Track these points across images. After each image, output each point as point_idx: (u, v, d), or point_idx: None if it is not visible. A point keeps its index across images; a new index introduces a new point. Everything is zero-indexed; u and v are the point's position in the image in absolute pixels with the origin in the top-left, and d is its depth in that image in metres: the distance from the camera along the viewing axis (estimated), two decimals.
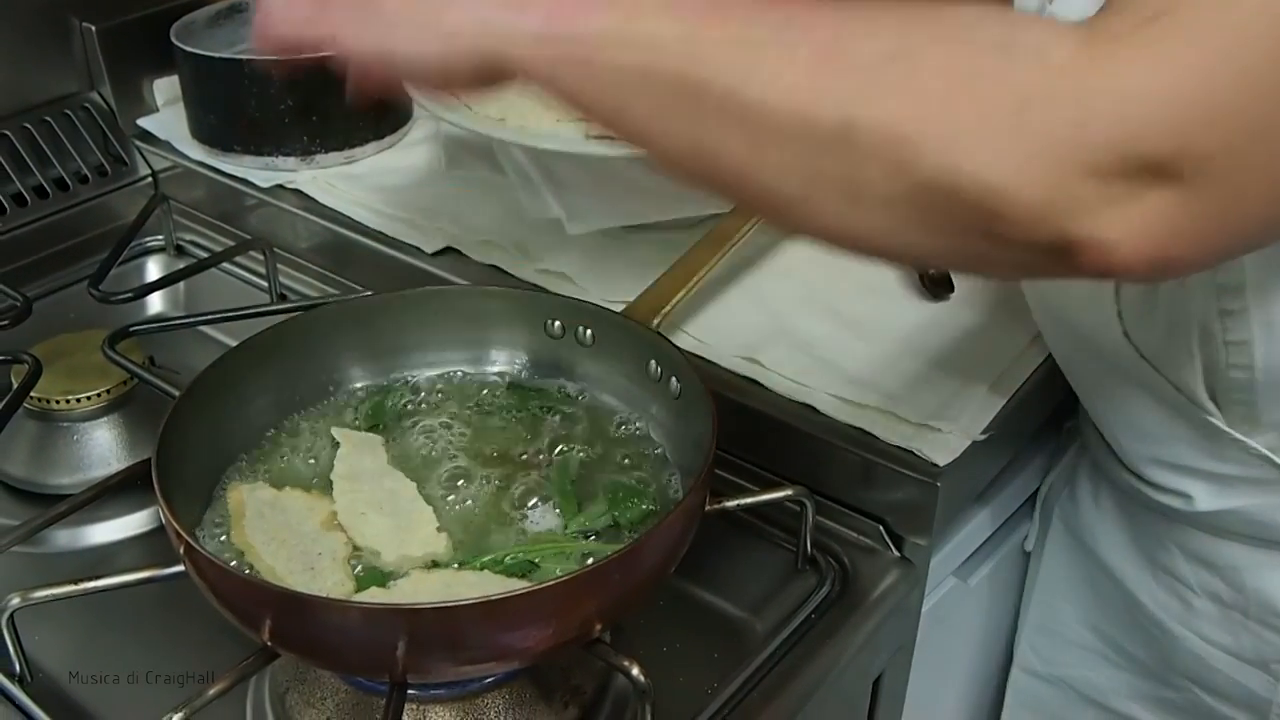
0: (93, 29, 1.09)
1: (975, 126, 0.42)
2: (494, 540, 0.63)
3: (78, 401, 0.80)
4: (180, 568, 0.58)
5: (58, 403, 0.80)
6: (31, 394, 0.79)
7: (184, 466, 0.63)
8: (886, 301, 0.86)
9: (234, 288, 1.01)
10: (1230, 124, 0.41)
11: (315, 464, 0.69)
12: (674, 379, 0.68)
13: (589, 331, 0.73)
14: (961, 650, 0.97)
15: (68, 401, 0.80)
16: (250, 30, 1.15)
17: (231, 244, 1.02)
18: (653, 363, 0.70)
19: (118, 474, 0.76)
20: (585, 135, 0.86)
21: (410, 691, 0.57)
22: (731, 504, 0.66)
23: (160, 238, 1.07)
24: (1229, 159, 0.42)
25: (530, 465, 0.69)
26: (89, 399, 0.80)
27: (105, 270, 0.93)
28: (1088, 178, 0.41)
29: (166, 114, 1.15)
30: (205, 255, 1.04)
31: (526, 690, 0.63)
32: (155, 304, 1.03)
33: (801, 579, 0.73)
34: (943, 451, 0.72)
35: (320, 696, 0.63)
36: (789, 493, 0.69)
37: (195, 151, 1.10)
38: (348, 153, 1.07)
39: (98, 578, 0.61)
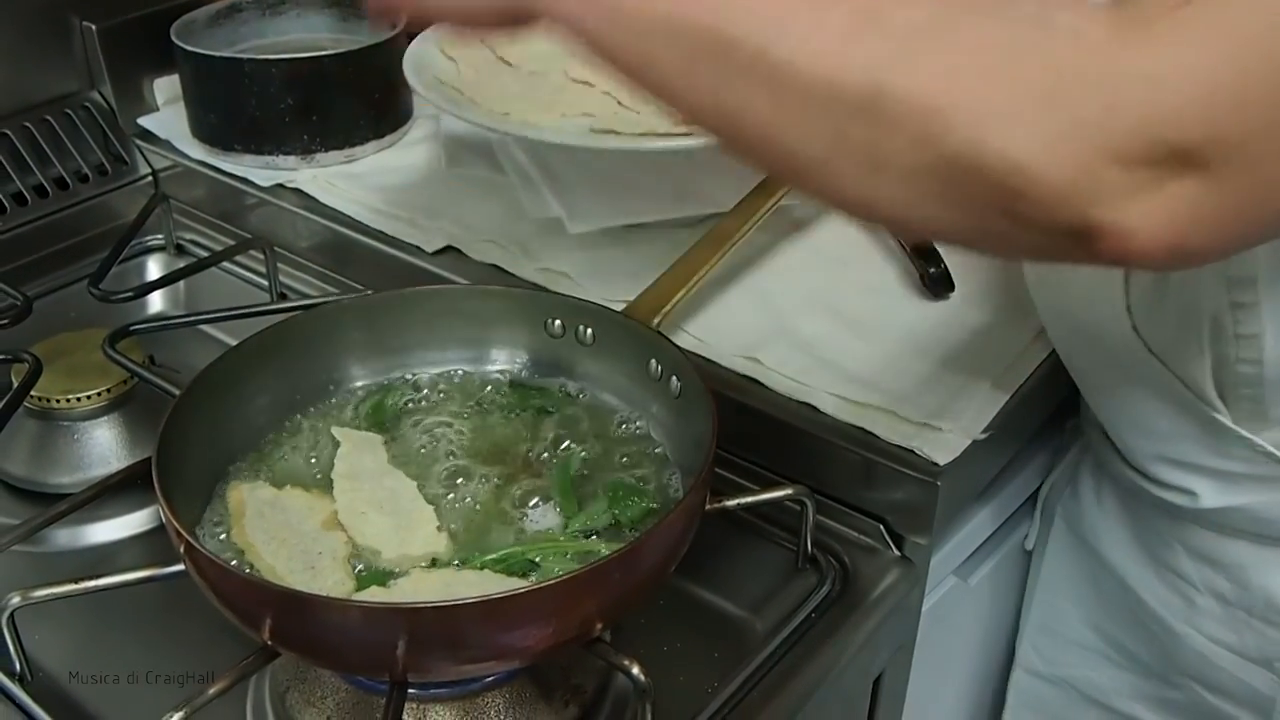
0: (93, 28, 1.09)
1: (1006, 103, 0.42)
2: (494, 539, 0.63)
3: (78, 400, 0.80)
4: (180, 567, 0.58)
5: (58, 402, 0.80)
6: (32, 393, 0.79)
7: (184, 466, 0.63)
8: (887, 301, 0.86)
9: (234, 287, 1.01)
10: (1259, 112, 0.41)
11: (315, 463, 0.69)
12: (674, 378, 0.68)
13: (589, 331, 0.73)
14: (962, 649, 0.97)
15: (68, 400, 0.80)
16: (250, 29, 1.15)
17: (232, 243, 1.02)
18: (653, 362, 0.70)
19: (118, 473, 0.76)
20: (590, 129, 0.86)
21: (410, 691, 0.57)
22: (732, 503, 0.66)
23: (160, 237, 1.08)
24: (1256, 147, 0.41)
25: (531, 464, 0.69)
26: (89, 398, 0.80)
27: (105, 269, 0.93)
28: (1114, 163, 0.41)
29: (167, 113, 1.15)
30: (205, 254, 1.04)
31: (527, 689, 0.63)
32: (155, 303, 1.03)
33: (802, 578, 0.73)
34: (943, 451, 0.72)
35: (320, 696, 0.63)
36: (789, 492, 0.69)
37: (195, 150, 1.10)
38: (348, 152, 1.07)
39: (98, 577, 0.61)
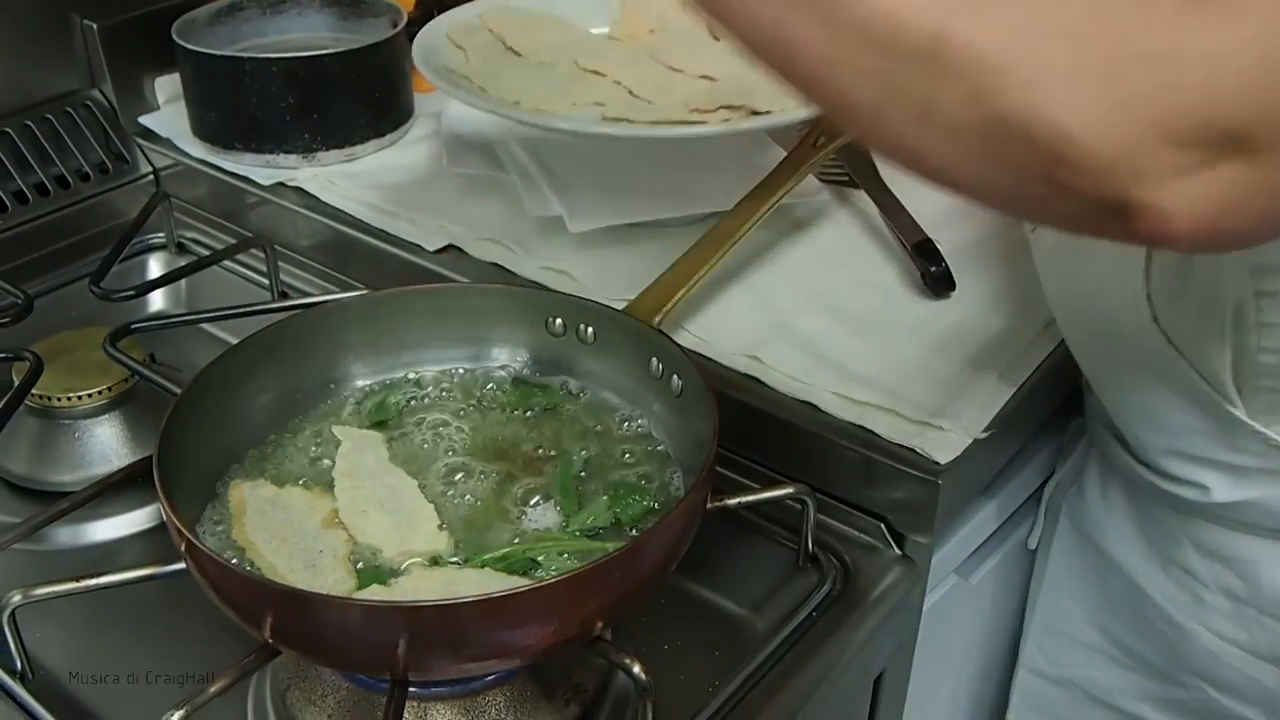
0: (94, 26, 1.09)
1: (1065, 70, 0.41)
2: (495, 538, 0.63)
3: (79, 399, 0.80)
4: (181, 565, 0.58)
5: (59, 400, 0.80)
6: (33, 391, 0.79)
7: (185, 464, 0.63)
8: (888, 299, 0.86)
9: (235, 285, 1.01)
10: None
11: (316, 461, 0.69)
12: (675, 377, 0.68)
13: (590, 329, 0.73)
14: (963, 649, 0.97)
15: (69, 399, 0.80)
16: (251, 28, 1.15)
17: (233, 241, 1.02)
18: (654, 360, 0.70)
19: (119, 471, 0.76)
20: (601, 118, 0.86)
21: (411, 689, 0.57)
22: (733, 502, 0.66)
23: (161, 235, 1.08)
24: None
25: (532, 463, 0.69)
26: (90, 396, 0.80)
27: (106, 268, 0.93)
28: (1164, 142, 0.41)
29: (168, 111, 1.15)
30: (206, 253, 1.04)
31: (528, 688, 0.63)
32: (156, 301, 1.03)
33: (802, 577, 0.73)
34: (944, 449, 0.72)
35: (321, 694, 0.63)
36: (790, 490, 0.69)
37: (196, 149, 1.10)
38: (349, 150, 1.07)
39: (99, 575, 0.61)
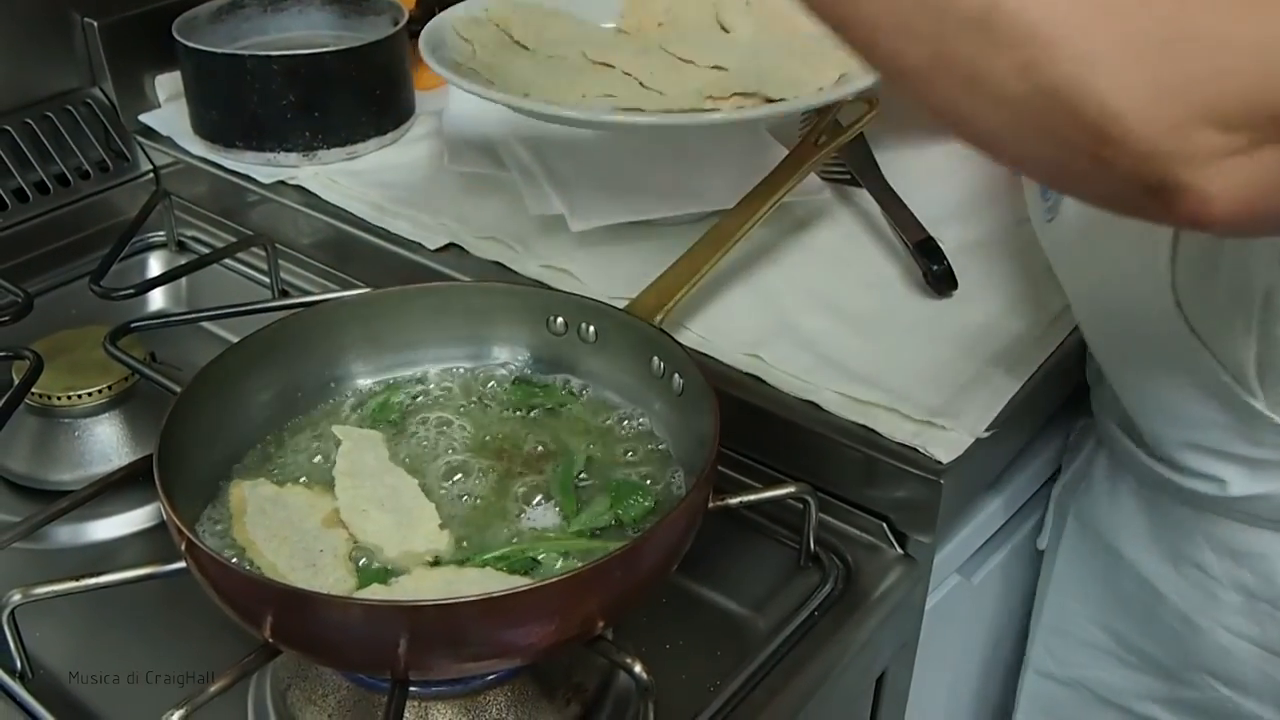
0: (94, 24, 1.09)
1: (1117, 47, 0.41)
2: (496, 537, 0.63)
3: (79, 398, 0.80)
4: (181, 564, 0.58)
5: (59, 399, 0.79)
6: (33, 390, 0.78)
7: (185, 463, 0.62)
8: (890, 298, 0.86)
9: (236, 284, 1.01)
10: None
11: (317, 460, 0.68)
12: (677, 376, 0.68)
13: (592, 328, 0.73)
14: (965, 648, 0.97)
15: (69, 398, 0.79)
16: (252, 26, 1.15)
17: (233, 240, 1.02)
18: (656, 359, 0.70)
19: (119, 470, 0.76)
20: (615, 109, 0.86)
21: (412, 689, 0.57)
22: (734, 501, 0.66)
23: (162, 234, 1.07)
24: None
25: (532, 462, 0.68)
26: (90, 395, 0.80)
27: (107, 266, 0.93)
28: (1211, 126, 0.41)
29: (168, 109, 1.15)
30: (207, 251, 1.04)
31: (528, 688, 0.62)
32: (157, 300, 1.03)
33: (804, 576, 0.72)
34: (946, 449, 0.72)
35: (322, 694, 0.63)
36: (792, 490, 0.69)
37: (197, 147, 1.10)
38: (350, 148, 1.07)
39: (99, 574, 0.61)
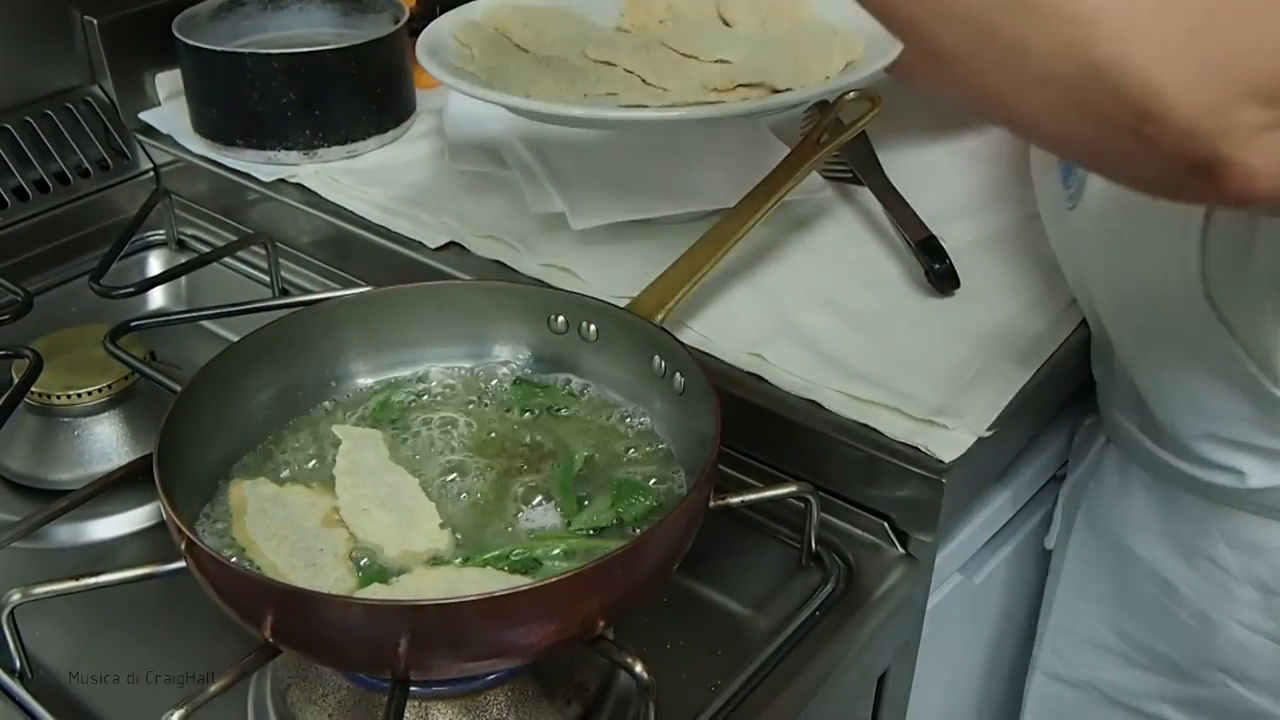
0: (94, 22, 1.09)
1: (1159, 23, 0.41)
2: (497, 536, 0.63)
3: (79, 397, 0.79)
4: (181, 564, 0.58)
5: (59, 398, 0.79)
6: (32, 389, 0.78)
7: (185, 462, 0.62)
8: (892, 297, 0.86)
9: (236, 282, 1.01)
10: None
11: (317, 460, 0.68)
12: (678, 375, 0.68)
13: (593, 327, 0.73)
14: (967, 648, 0.97)
15: (69, 397, 0.79)
16: (252, 24, 1.15)
17: (233, 238, 1.02)
18: (657, 358, 0.70)
19: (119, 469, 0.76)
20: (619, 106, 0.85)
21: (412, 689, 0.57)
22: (735, 500, 0.66)
23: (162, 232, 1.07)
24: None
25: (533, 461, 0.68)
26: (90, 394, 0.80)
27: (106, 265, 0.93)
28: (1254, 100, 0.41)
29: (168, 108, 1.15)
30: (207, 250, 1.04)
31: (529, 687, 0.62)
32: (157, 299, 1.03)
33: (805, 576, 0.72)
34: (948, 448, 0.71)
35: (322, 693, 0.63)
36: (793, 489, 0.69)
37: (197, 145, 1.10)
38: (350, 147, 1.07)
39: (99, 573, 0.61)
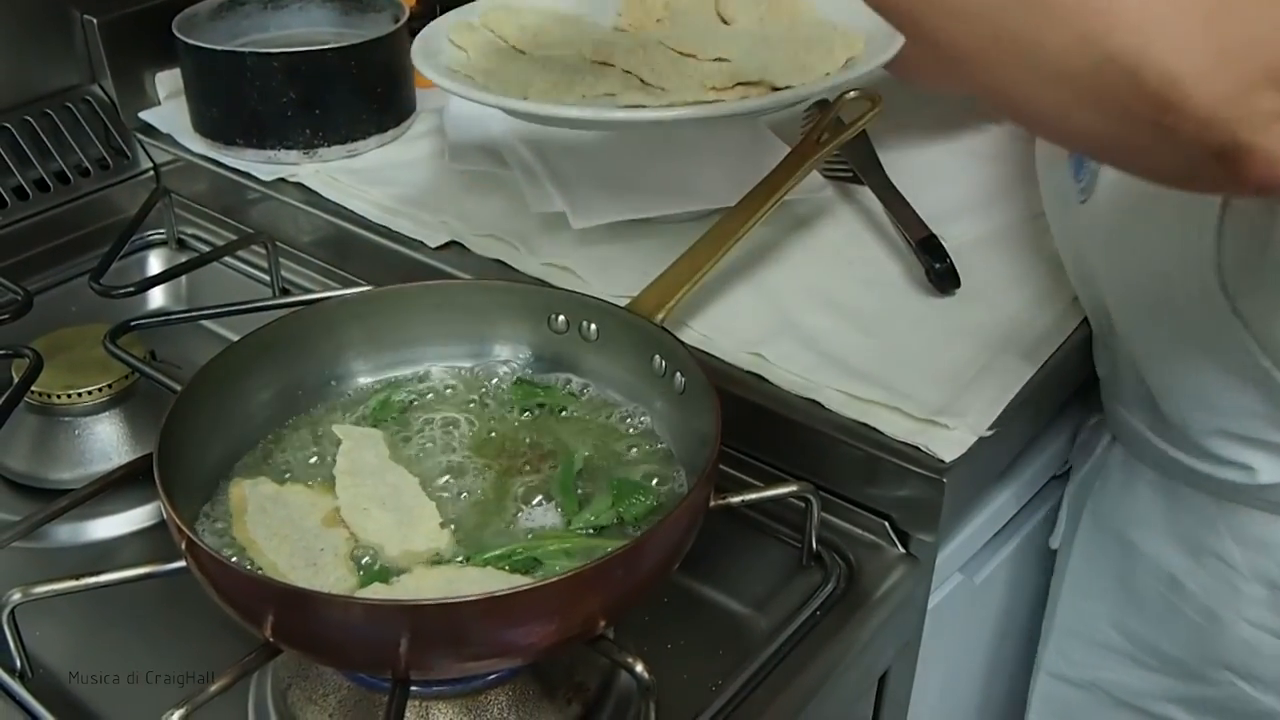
0: (94, 21, 1.09)
1: (1175, 13, 0.41)
2: (497, 536, 0.63)
3: (79, 396, 0.79)
4: (182, 563, 0.58)
5: (59, 397, 0.79)
6: (32, 388, 0.78)
7: (185, 462, 0.62)
8: (892, 296, 0.86)
9: (236, 282, 1.01)
10: None
11: (317, 459, 0.68)
12: (678, 374, 0.68)
13: (593, 326, 0.72)
14: (968, 648, 0.97)
15: (69, 396, 0.79)
16: (252, 23, 1.15)
17: (233, 238, 1.02)
18: (657, 358, 0.70)
19: (119, 469, 0.76)
20: (618, 107, 0.85)
21: (413, 688, 0.57)
22: (736, 500, 0.66)
23: (162, 231, 1.07)
24: None
25: (533, 460, 0.68)
26: (90, 394, 0.80)
27: (106, 264, 0.93)
28: (1270, 87, 0.41)
29: (168, 107, 1.15)
30: (207, 249, 1.04)
31: (530, 687, 0.62)
32: (157, 298, 1.03)
33: (806, 575, 0.72)
34: (949, 448, 0.71)
35: (322, 693, 0.63)
36: (794, 489, 0.69)
37: (197, 145, 1.10)
38: (350, 146, 1.07)
39: (99, 573, 0.61)
